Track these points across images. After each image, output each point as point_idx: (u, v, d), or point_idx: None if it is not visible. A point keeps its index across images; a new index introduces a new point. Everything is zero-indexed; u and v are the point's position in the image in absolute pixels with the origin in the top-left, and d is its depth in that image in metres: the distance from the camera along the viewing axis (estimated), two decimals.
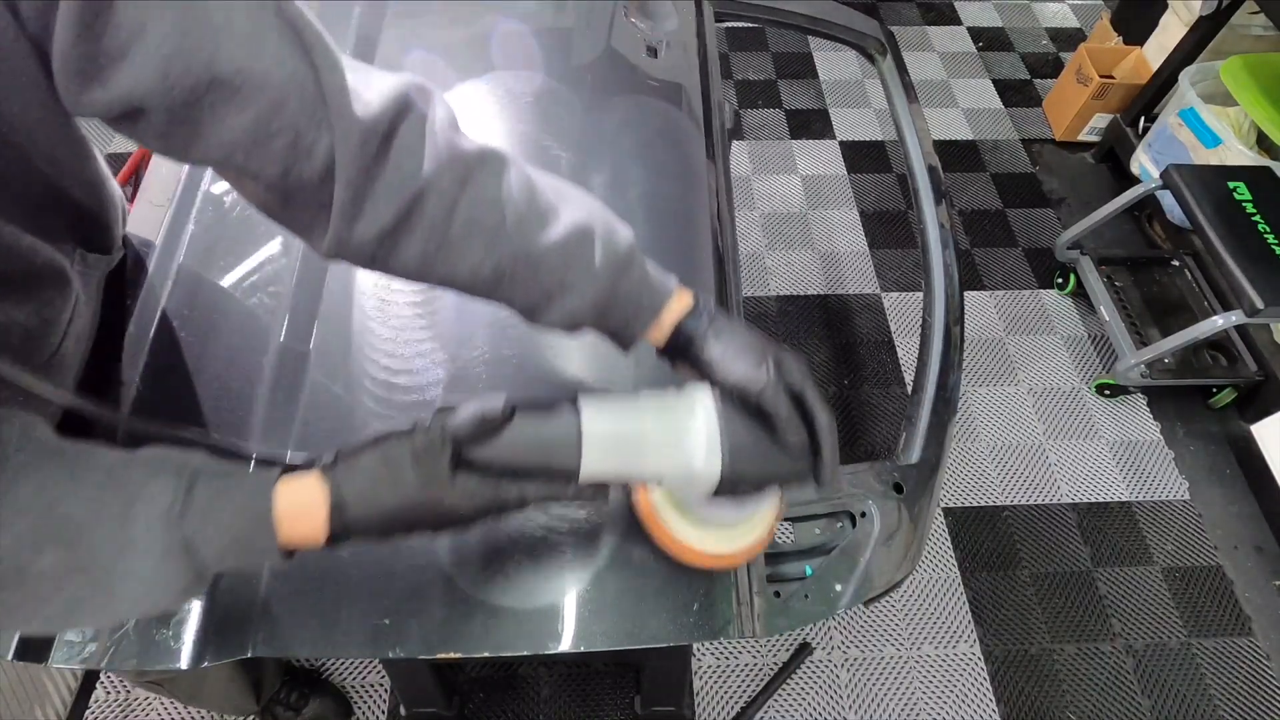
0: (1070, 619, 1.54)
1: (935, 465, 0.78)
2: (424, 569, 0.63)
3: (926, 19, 2.89)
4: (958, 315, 0.91)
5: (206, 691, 1.12)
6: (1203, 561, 1.62)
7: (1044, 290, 2.09)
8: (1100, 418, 1.84)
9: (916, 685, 1.45)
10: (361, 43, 1.01)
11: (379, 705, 1.40)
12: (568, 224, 0.51)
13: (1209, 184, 1.65)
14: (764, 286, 2.06)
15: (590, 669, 1.43)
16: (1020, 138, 2.48)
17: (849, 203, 2.27)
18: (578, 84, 1.02)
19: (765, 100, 2.56)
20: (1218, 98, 1.95)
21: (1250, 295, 1.49)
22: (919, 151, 1.08)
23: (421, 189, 0.47)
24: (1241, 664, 1.50)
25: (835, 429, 0.52)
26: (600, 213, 0.54)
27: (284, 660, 1.32)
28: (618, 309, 0.53)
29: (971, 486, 1.72)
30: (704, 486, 0.51)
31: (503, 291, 0.52)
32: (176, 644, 0.60)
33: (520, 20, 1.09)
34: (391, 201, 0.46)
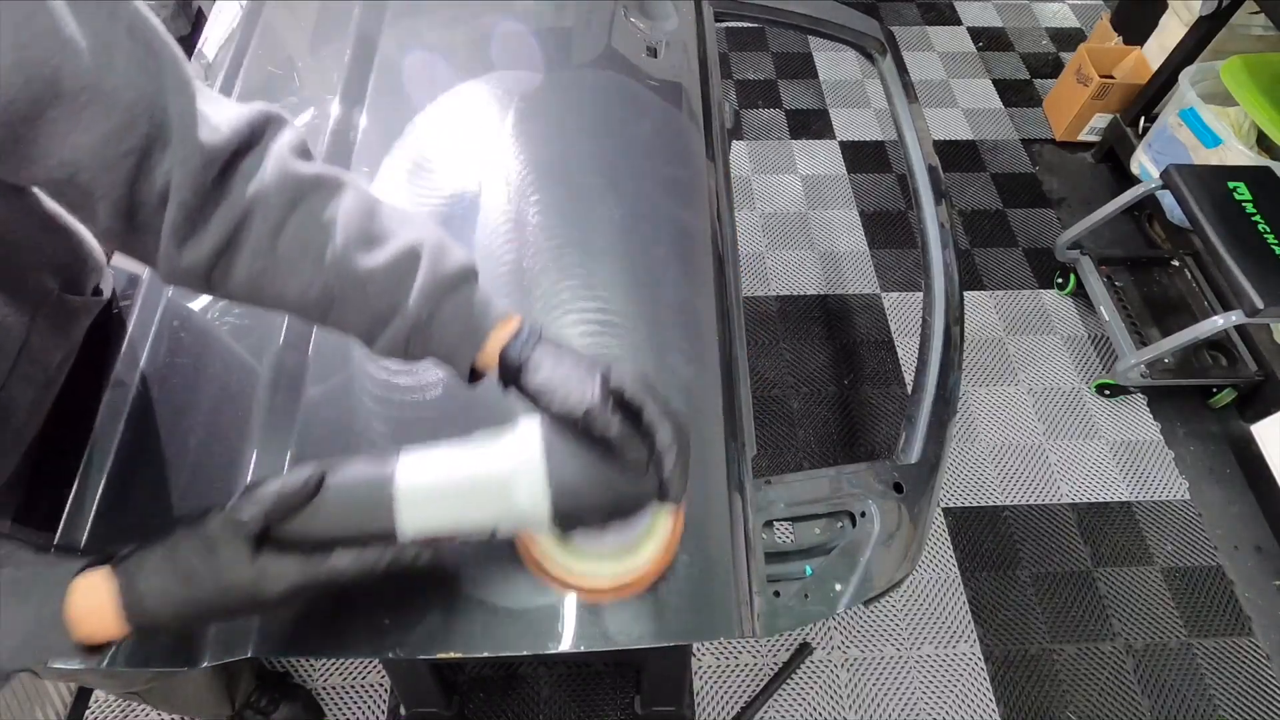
0: (1070, 619, 1.54)
1: (935, 465, 0.78)
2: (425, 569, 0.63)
3: (926, 19, 2.89)
4: (958, 315, 0.91)
5: (183, 698, 1.12)
6: (1203, 561, 1.62)
7: (1044, 290, 2.09)
8: (1100, 418, 1.84)
9: (916, 685, 1.45)
10: (361, 43, 1.01)
11: (379, 705, 1.40)
12: (396, 247, 0.50)
13: (1209, 184, 1.65)
14: (764, 286, 2.06)
15: (590, 669, 1.43)
16: (1020, 138, 2.48)
17: (849, 203, 2.27)
18: (577, 84, 1.02)
19: (765, 100, 2.56)
20: (1218, 98, 1.95)
21: (1250, 295, 1.49)
22: (919, 151, 1.08)
23: (248, 209, 0.47)
24: (1241, 664, 1.50)
25: (681, 439, 0.50)
26: (435, 237, 0.53)
27: (257, 664, 1.32)
28: (440, 334, 0.52)
29: (971, 486, 1.72)
30: (541, 528, 0.49)
31: (335, 316, 0.51)
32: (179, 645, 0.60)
33: (520, 20, 1.09)
34: (221, 223, 0.47)
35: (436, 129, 0.94)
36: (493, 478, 0.49)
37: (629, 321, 0.79)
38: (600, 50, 1.07)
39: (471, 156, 0.91)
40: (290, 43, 1.06)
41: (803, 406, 1.83)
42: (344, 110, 0.93)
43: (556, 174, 0.90)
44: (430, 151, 0.91)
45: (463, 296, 0.52)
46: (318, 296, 0.50)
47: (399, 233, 0.51)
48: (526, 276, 0.81)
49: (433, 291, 0.51)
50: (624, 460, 0.48)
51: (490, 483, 0.49)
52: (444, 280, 0.51)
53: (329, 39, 1.03)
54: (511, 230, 0.84)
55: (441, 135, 0.93)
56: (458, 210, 0.86)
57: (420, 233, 0.52)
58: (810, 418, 1.81)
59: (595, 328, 0.77)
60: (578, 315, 0.78)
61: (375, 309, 0.51)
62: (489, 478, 0.49)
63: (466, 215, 0.85)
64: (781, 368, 1.90)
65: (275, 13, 1.08)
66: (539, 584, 0.61)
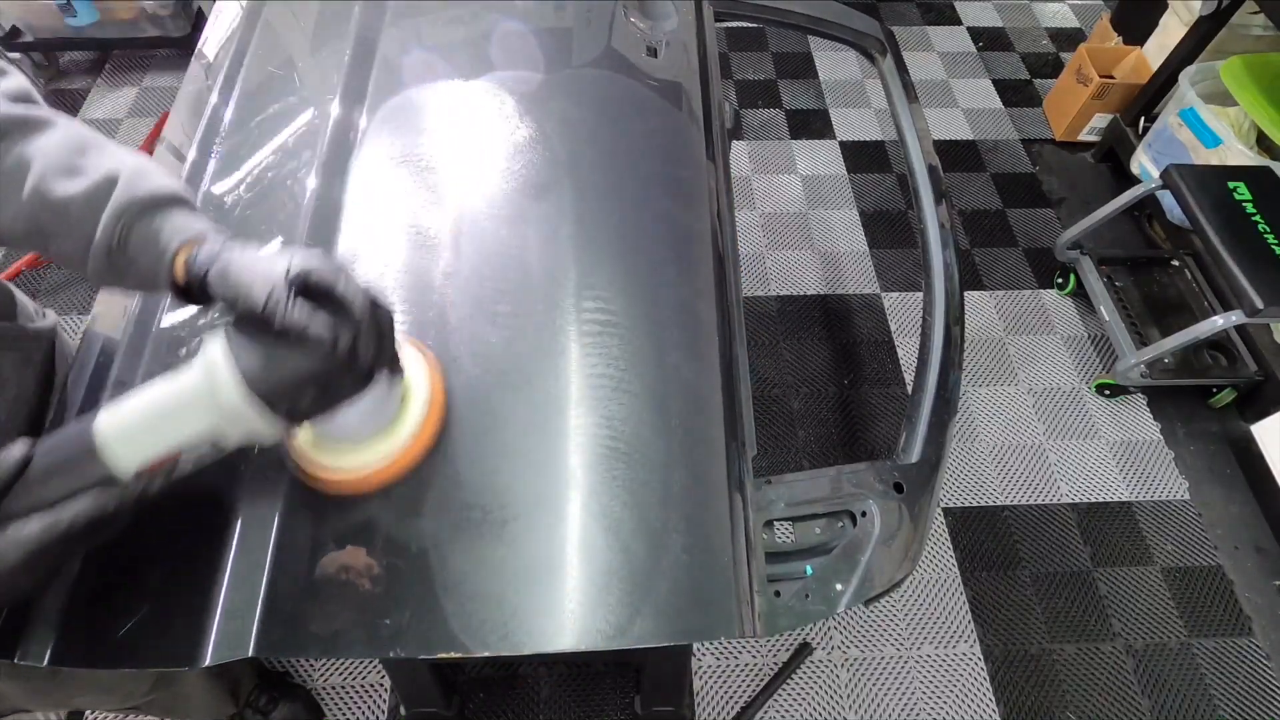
0: (1070, 619, 1.54)
1: (935, 465, 0.78)
2: (424, 569, 0.63)
3: (926, 19, 2.89)
4: (958, 315, 0.91)
5: (185, 705, 1.12)
6: (1203, 561, 1.62)
7: (1044, 290, 2.09)
8: (1100, 418, 1.84)
9: (916, 685, 1.45)
10: (361, 43, 1.01)
11: (379, 705, 1.40)
12: (95, 175, 0.53)
13: (1209, 184, 1.65)
14: (764, 286, 2.06)
15: (590, 669, 1.43)
16: (1020, 138, 2.48)
17: (849, 203, 2.27)
18: (577, 84, 1.01)
19: (765, 100, 2.56)
20: (1218, 98, 1.95)
21: (1250, 295, 1.49)
22: (919, 151, 1.08)
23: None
24: (1241, 664, 1.50)
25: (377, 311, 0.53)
26: (136, 164, 0.55)
27: (257, 663, 1.32)
28: (134, 256, 0.54)
29: (971, 486, 1.72)
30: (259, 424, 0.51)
31: (53, 247, 0.54)
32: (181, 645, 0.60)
33: (520, 20, 1.09)
34: None
35: (436, 129, 0.94)
36: (189, 391, 0.51)
37: (629, 321, 0.79)
38: (600, 50, 1.07)
39: (471, 156, 0.91)
40: (290, 43, 1.05)
41: (803, 406, 1.83)
42: (344, 110, 0.93)
43: (556, 174, 0.90)
44: (430, 151, 0.91)
45: (156, 219, 0.54)
46: (25, 228, 0.53)
47: (103, 164, 0.54)
48: (526, 276, 0.81)
49: (124, 213, 0.53)
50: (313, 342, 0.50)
51: (188, 397, 0.51)
52: (136, 203, 0.54)
53: (329, 39, 1.03)
54: (511, 230, 0.84)
55: (441, 135, 0.93)
56: (457, 210, 0.86)
57: (125, 161, 0.55)
58: (810, 418, 1.81)
59: (595, 328, 0.77)
60: (578, 315, 0.78)
61: (78, 235, 0.53)
62: (187, 392, 0.51)
63: (466, 215, 0.85)
64: (781, 368, 1.90)
65: (275, 13, 1.08)
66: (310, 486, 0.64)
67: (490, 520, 0.65)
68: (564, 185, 0.89)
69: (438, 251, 0.82)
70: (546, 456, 0.69)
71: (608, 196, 0.89)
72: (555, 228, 0.85)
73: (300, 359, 0.51)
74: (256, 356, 0.50)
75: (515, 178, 0.89)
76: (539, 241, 0.84)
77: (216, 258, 0.53)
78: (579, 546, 0.65)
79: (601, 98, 1.01)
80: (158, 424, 0.51)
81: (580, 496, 0.67)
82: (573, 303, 0.79)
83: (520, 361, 0.75)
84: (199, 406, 0.51)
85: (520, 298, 0.79)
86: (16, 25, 2.32)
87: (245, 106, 0.95)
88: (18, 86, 0.56)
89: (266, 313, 0.50)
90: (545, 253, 0.83)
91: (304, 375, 0.51)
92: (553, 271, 0.81)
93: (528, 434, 0.70)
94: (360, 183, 0.87)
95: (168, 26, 2.37)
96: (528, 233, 0.84)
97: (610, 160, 0.93)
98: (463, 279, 0.80)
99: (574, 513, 0.66)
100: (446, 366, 0.73)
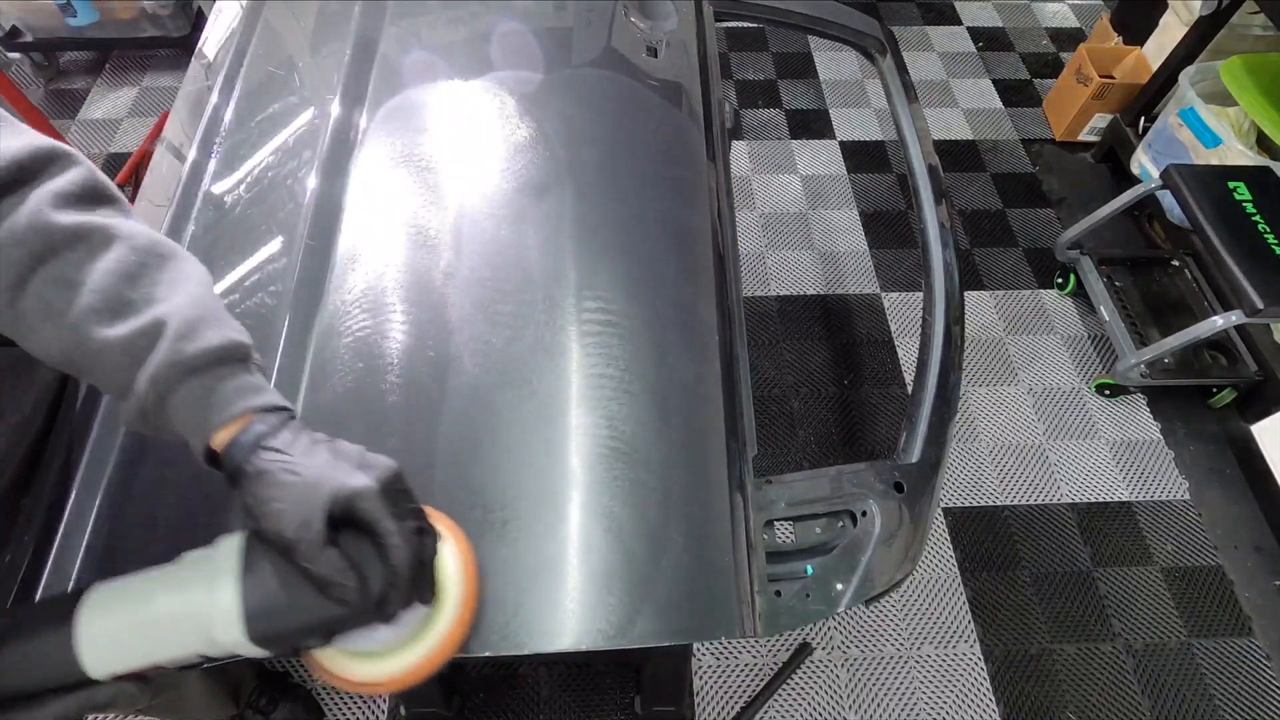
0: (1070, 619, 1.54)
1: (935, 465, 0.78)
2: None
3: (926, 19, 2.89)
4: (958, 315, 0.91)
5: (189, 706, 1.12)
6: (1203, 561, 1.62)
7: (1044, 290, 2.09)
8: (1100, 418, 1.84)
9: (916, 685, 1.45)
10: (361, 43, 1.01)
11: (379, 705, 1.39)
12: (140, 322, 0.46)
13: (1209, 184, 1.65)
14: (764, 286, 2.05)
15: (590, 669, 1.43)
16: (1020, 138, 2.48)
17: (849, 203, 2.27)
18: (577, 84, 1.01)
19: (765, 100, 2.56)
20: (1218, 98, 1.95)
21: (1250, 295, 1.49)
22: (919, 151, 1.08)
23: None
24: (1241, 664, 1.50)
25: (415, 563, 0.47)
26: (192, 311, 0.48)
27: (257, 664, 1.32)
28: (171, 420, 0.47)
29: (971, 486, 1.72)
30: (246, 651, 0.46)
31: (85, 377, 0.49)
32: None
33: (520, 20, 1.09)
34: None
35: (436, 129, 0.94)
36: (185, 611, 0.46)
37: (629, 321, 0.79)
38: (600, 50, 1.07)
39: (471, 156, 0.91)
40: (290, 43, 1.05)
41: (803, 406, 1.83)
42: (344, 110, 0.93)
43: (556, 174, 0.90)
44: (430, 151, 0.91)
45: (203, 383, 0.47)
46: (59, 359, 0.47)
47: (156, 302, 0.47)
48: (527, 276, 0.81)
49: (166, 375, 0.46)
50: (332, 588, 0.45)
51: (182, 617, 0.46)
52: (180, 365, 0.46)
53: (329, 39, 1.03)
54: (512, 230, 0.84)
55: (441, 135, 0.93)
56: (457, 210, 0.86)
57: (178, 305, 0.48)
58: (811, 417, 1.81)
59: (596, 327, 0.77)
60: (578, 315, 0.78)
61: (113, 383, 0.47)
62: (182, 612, 0.46)
63: (466, 215, 0.85)
64: (782, 368, 1.90)
65: (275, 13, 1.08)
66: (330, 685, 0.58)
67: (490, 520, 0.65)
68: (564, 185, 0.89)
69: (438, 251, 0.82)
70: (547, 456, 0.69)
71: (608, 196, 0.89)
72: (555, 227, 0.85)
73: (317, 606, 0.45)
74: (269, 599, 0.45)
75: (515, 177, 0.89)
76: (539, 241, 0.84)
77: (259, 455, 0.46)
78: (579, 546, 0.65)
79: (601, 98, 1.01)
80: (145, 634, 0.45)
81: (580, 496, 0.67)
82: (573, 303, 0.79)
83: (520, 361, 0.75)
84: (193, 629, 0.45)
85: (520, 298, 0.79)
86: (16, 25, 2.32)
87: (245, 106, 0.95)
88: (79, 184, 0.48)
89: (294, 553, 0.44)
90: (545, 252, 0.83)
91: (316, 623, 0.46)
92: (553, 271, 0.81)
93: (528, 434, 0.70)
94: (360, 182, 0.87)
95: (168, 26, 2.37)
96: (528, 232, 0.84)
97: (610, 160, 0.93)
98: (463, 279, 0.80)
99: (574, 512, 0.66)
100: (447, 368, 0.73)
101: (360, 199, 0.86)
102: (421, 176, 0.88)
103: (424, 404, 0.72)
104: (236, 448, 0.47)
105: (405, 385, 0.73)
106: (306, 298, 0.77)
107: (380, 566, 0.46)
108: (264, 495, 0.45)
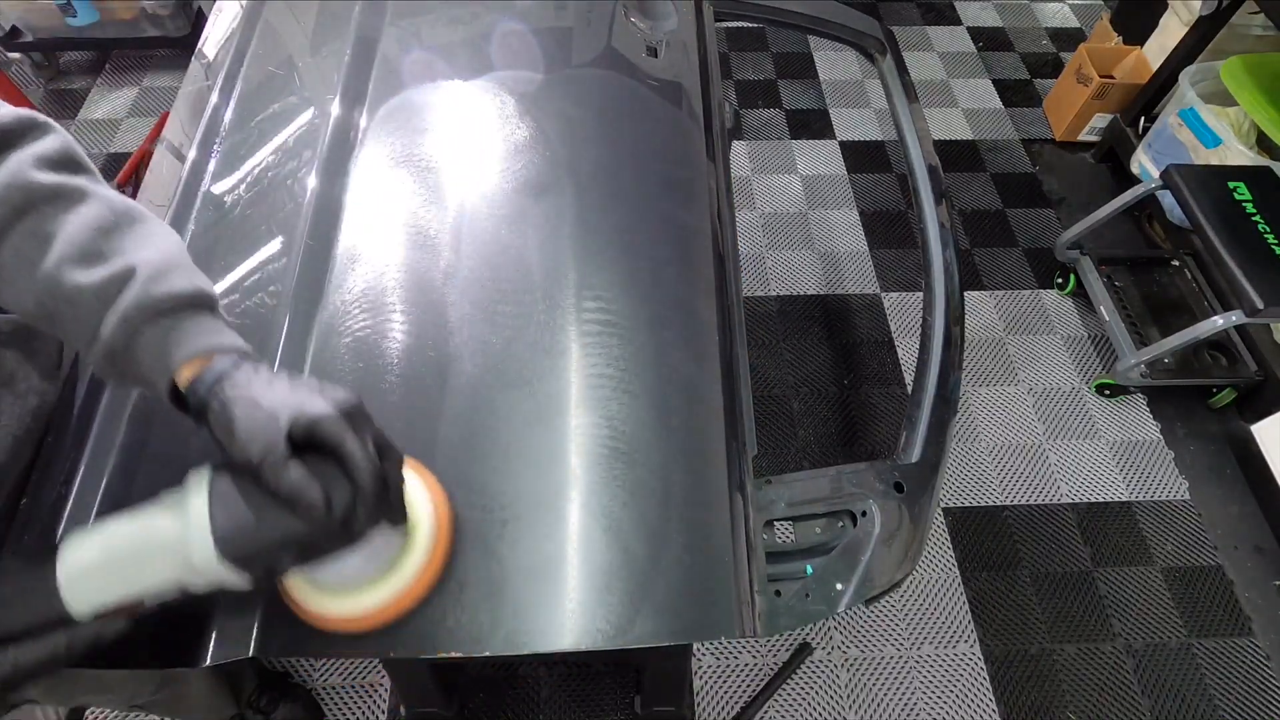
0: (1070, 619, 1.54)
1: (935, 465, 0.78)
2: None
3: (926, 19, 2.89)
4: (958, 315, 0.91)
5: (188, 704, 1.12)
6: (1203, 561, 1.62)
7: (1044, 290, 2.09)
8: (1100, 418, 1.84)
9: (916, 685, 1.45)
10: (361, 43, 1.01)
11: (379, 705, 1.40)
12: (112, 267, 0.49)
13: (1209, 184, 1.65)
14: (764, 286, 2.06)
15: (590, 669, 1.43)
16: (1020, 138, 2.48)
17: (849, 203, 2.27)
18: (578, 84, 1.02)
19: (765, 100, 2.56)
20: (1218, 98, 1.95)
21: (1250, 295, 1.49)
22: (919, 151, 1.08)
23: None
24: (1241, 664, 1.50)
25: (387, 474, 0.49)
26: (162, 259, 0.51)
27: (258, 663, 1.32)
28: (136, 361, 0.50)
29: (971, 486, 1.72)
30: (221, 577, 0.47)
31: (57, 328, 0.50)
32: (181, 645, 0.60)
33: (520, 20, 1.09)
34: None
35: (436, 129, 0.94)
36: (159, 540, 0.48)
37: (629, 321, 0.79)
38: (600, 50, 1.07)
39: (471, 156, 0.91)
40: (290, 43, 1.05)
41: (803, 406, 1.83)
42: (344, 110, 0.93)
43: (556, 174, 0.90)
44: (430, 151, 0.91)
45: (167, 325, 0.50)
46: (33, 309, 0.50)
47: (127, 252, 0.50)
48: (527, 276, 0.81)
49: (135, 316, 0.49)
50: (299, 504, 0.46)
51: (157, 546, 0.48)
52: (148, 306, 0.49)
53: (329, 39, 1.03)
54: (512, 230, 0.84)
55: (441, 135, 0.93)
56: (457, 210, 0.86)
57: (149, 255, 0.50)
58: (810, 418, 1.81)
59: (596, 327, 0.77)
60: (578, 315, 0.78)
61: (84, 327, 0.49)
62: (156, 541, 0.48)
63: (466, 215, 0.85)
64: (782, 368, 1.90)
65: (275, 13, 1.08)
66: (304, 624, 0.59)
67: (490, 520, 0.65)
68: (564, 185, 0.89)
69: (438, 251, 0.82)
70: (547, 456, 0.69)
71: (608, 196, 0.89)
72: (555, 227, 0.85)
73: (286, 523, 0.47)
74: (237, 518, 0.47)
75: (515, 178, 0.89)
76: (539, 241, 0.84)
77: (221, 387, 0.48)
78: (579, 546, 0.65)
79: (602, 98, 1.01)
80: (123, 568, 0.47)
81: (580, 496, 0.67)
82: (573, 303, 0.79)
83: (520, 361, 0.75)
84: (168, 557, 0.47)
85: (520, 297, 0.79)
86: (16, 25, 2.32)
87: (245, 106, 0.95)
88: (57, 150, 0.51)
89: (260, 473, 0.46)
90: (545, 252, 0.83)
91: (287, 539, 0.48)
92: (553, 271, 0.81)
93: (528, 434, 0.70)
94: (360, 182, 0.87)
95: (168, 26, 2.37)
96: (528, 232, 0.84)
97: (610, 160, 0.93)
98: (463, 279, 0.80)
99: (574, 513, 0.66)
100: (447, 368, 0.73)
101: (360, 199, 0.86)
102: (421, 176, 0.88)
103: (424, 404, 0.72)
104: (200, 383, 0.49)
105: (405, 385, 0.73)
106: (306, 298, 0.77)
107: (344, 482, 0.48)
108: (228, 424, 0.47)
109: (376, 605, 0.58)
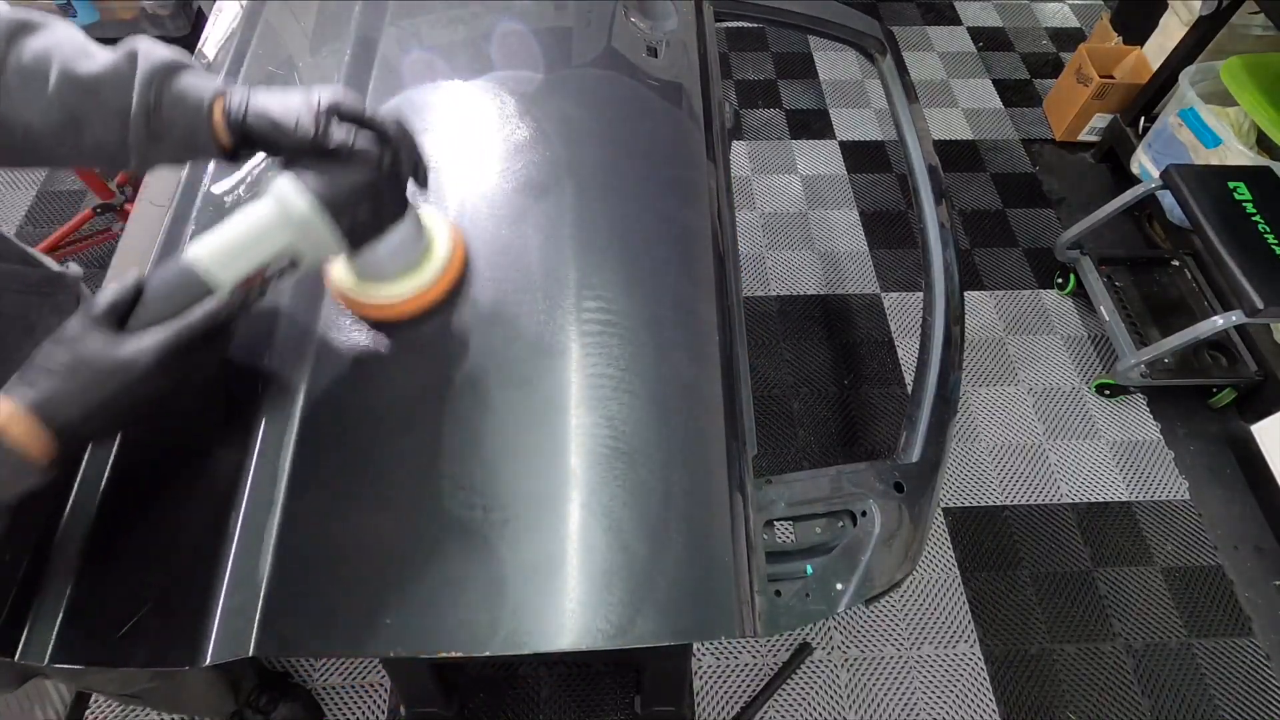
0: (1070, 619, 1.54)
1: (936, 465, 0.78)
2: (426, 568, 0.63)
3: (926, 19, 2.89)
4: (958, 315, 0.91)
5: (186, 697, 1.12)
6: (1203, 561, 1.62)
7: (1044, 290, 2.09)
8: (1100, 418, 1.84)
9: (916, 685, 1.45)
10: (361, 43, 1.01)
11: (379, 705, 1.40)
12: (115, 53, 0.57)
13: (1209, 184, 1.66)
14: (764, 286, 2.06)
15: (590, 669, 1.43)
16: (1020, 138, 2.48)
17: (849, 203, 2.27)
18: (578, 84, 1.02)
19: (765, 100, 2.56)
20: (1218, 98, 1.95)
21: (1250, 295, 1.49)
22: (919, 151, 1.08)
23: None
24: (1241, 664, 1.50)
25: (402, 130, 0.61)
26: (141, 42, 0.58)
27: (257, 662, 1.32)
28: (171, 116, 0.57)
29: (971, 486, 1.72)
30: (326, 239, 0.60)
31: (89, 135, 0.56)
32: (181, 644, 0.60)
33: (520, 20, 1.09)
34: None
35: (436, 128, 0.94)
36: (266, 216, 0.59)
37: (629, 321, 0.79)
38: (600, 50, 1.07)
39: (471, 156, 0.91)
40: (290, 43, 1.05)
41: (803, 406, 1.83)
42: None
43: (556, 174, 0.90)
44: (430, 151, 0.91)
45: (182, 80, 0.58)
46: (59, 117, 0.55)
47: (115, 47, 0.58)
48: (527, 276, 0.81)
49: (154, 77, 0.56)
50: (361, 157, 0.59)
51: (265, 221, 0.59)
52: (161, 68, 0.57)
53: (329, 39, 1.03)
54: (511, 230, 0.84)
55: (441, 135, 0.93)
56: (457, 210, 0.86)
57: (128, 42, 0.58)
58: (810, 418, 1.81)
59: (596, 327, 0.77)
60: (578, 315, 0.78)
61: (113, 109, 0.56)
62: (264, 218, 0.59)
63: (466, 215, 0.85)
64: (782, 368, 1.90)
65: (275, 13, 1.08)
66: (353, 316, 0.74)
67: (490, 519, 0.65)
68: (564, 185, 0.89)
69: None
70: (547, 456, 0.69)
71: (608, 196, 0.89)
72: (555, 227, 0.85)
73: (353, 172, 0.59)
74: (317, 177, 0.58)
75: (515, 177, 0.89)
76: (539, 241, 0.84)
77: (248, 104, 0.58)
78: (579, 546, 0.65)
79: (602, 98, 1.01)
80: (244, 245, 0.58)
81: (580, 496, 0.67)
82: (573, 302, 0.79)
83: (520, 361, 0.75)
84: (277, 227, 0.58)
85: (520, 297, 0.79)
86: None
87: None
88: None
89: (316, 138, 0.56)
90: (545, 252, 0.83)
91: (359, 187, 0.60)
92: (553, 271, 0.81)
93: (528, 433, 0.70)
94: None
95: (168, 26, 2.37)
96: (528, 232, 0.84)
97: (611, 160, 0.93)
98: None
99: (574, 512, 0.66)
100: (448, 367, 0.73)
101: None
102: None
103: (424, 404, 0.72)
104: (234, 105, 0.58)
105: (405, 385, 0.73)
106: (306, 297, 0.77)
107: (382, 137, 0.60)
108: (271, 121, 0.57)
109: (412, 290, 0.73)
